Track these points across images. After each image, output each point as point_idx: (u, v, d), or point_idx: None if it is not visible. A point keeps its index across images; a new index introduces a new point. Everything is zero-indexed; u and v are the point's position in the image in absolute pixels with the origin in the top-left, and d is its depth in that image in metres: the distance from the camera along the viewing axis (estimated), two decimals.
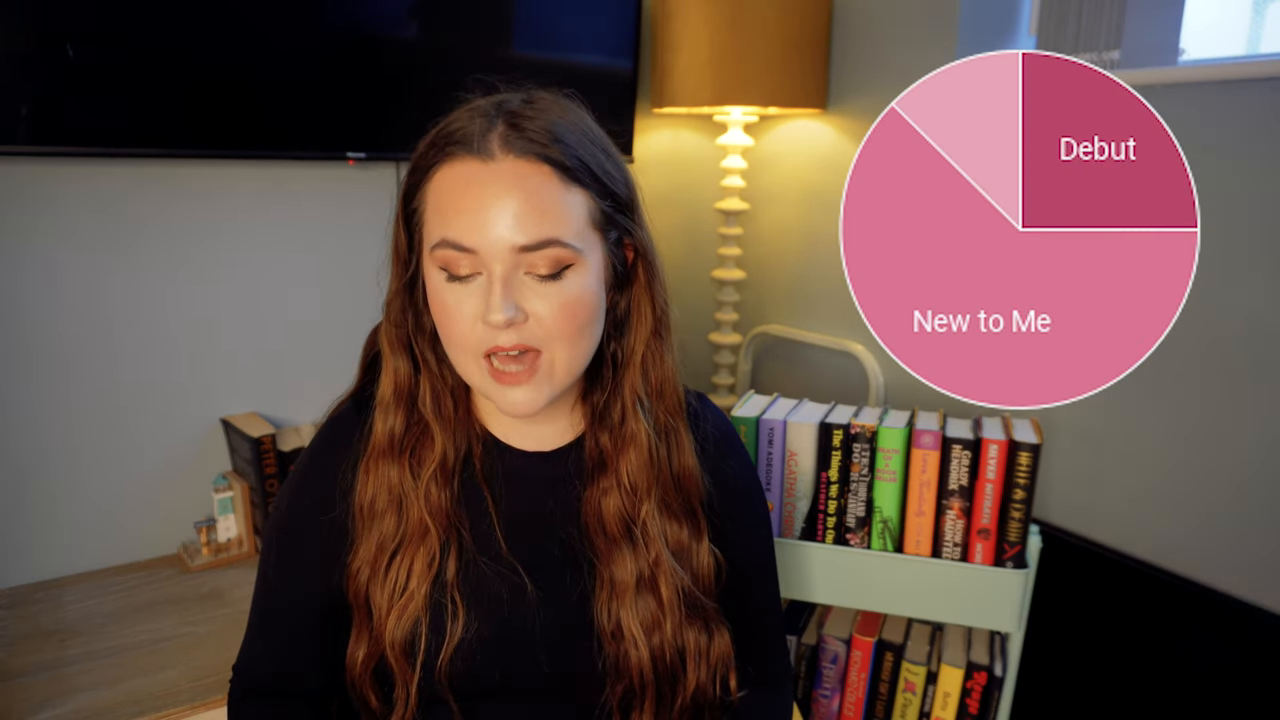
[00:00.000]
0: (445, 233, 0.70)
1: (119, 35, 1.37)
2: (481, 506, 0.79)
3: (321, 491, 0.79)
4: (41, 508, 1.50)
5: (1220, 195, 1.15)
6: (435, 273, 0.72)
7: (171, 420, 1.60)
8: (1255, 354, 1.19)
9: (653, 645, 0.79)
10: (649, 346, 0.79)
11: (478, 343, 0.70)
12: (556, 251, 0.70)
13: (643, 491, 0.79)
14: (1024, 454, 1.07)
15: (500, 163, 0.69)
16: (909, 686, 1.19)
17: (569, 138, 0.72)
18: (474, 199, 0.69)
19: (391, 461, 0.77)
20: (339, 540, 0.79)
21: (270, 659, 0.83)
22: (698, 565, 0.82)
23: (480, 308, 0.69)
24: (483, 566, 0.78)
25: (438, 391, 0.78)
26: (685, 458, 0.82)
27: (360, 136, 1.60)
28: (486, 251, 0.68)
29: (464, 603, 0.76)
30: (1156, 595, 1.30)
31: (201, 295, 1.59)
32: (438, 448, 0.77)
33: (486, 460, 0.81)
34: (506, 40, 1.73)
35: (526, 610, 0.77)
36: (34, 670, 1.25)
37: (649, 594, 0.79)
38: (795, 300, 1.92)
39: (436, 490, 0.77)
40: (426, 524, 0.76)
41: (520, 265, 0.70)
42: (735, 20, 1.63)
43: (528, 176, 0.69)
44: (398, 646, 0.75)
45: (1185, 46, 1.41)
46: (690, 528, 0.82)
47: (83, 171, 1.46)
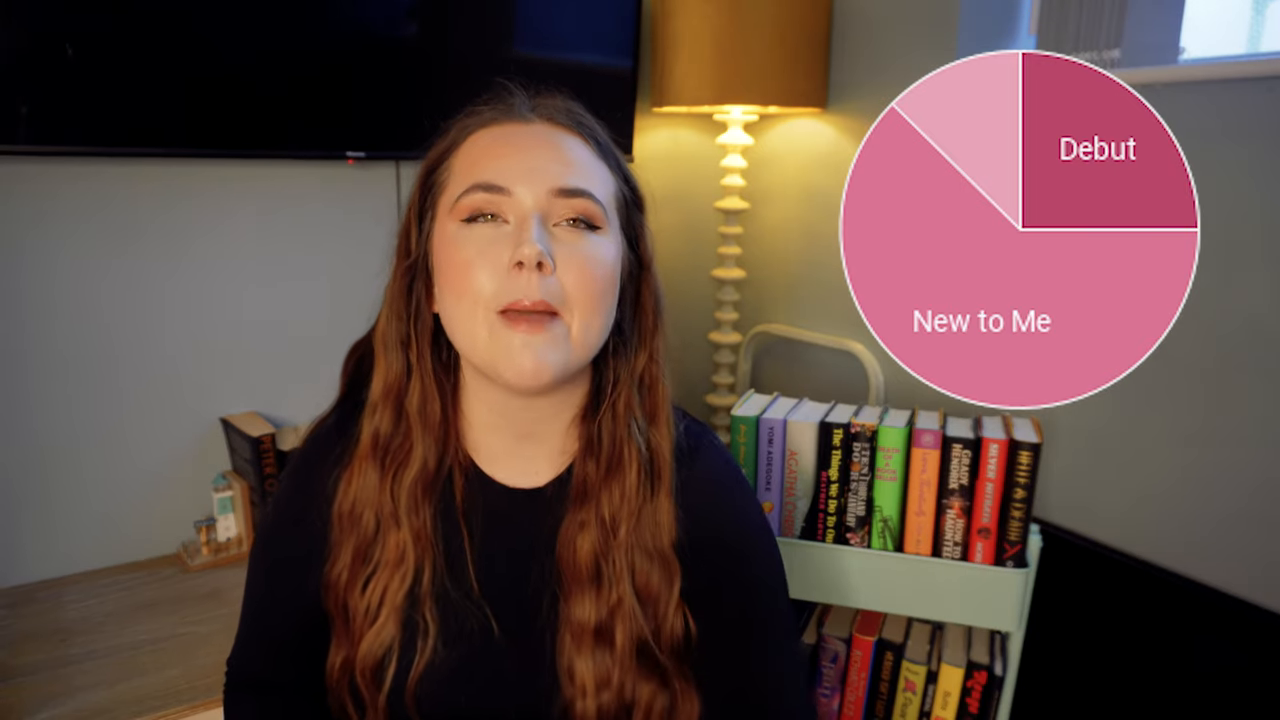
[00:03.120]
0: (479, 177, 0.69)
1: (119, 35, 1.37)
2: (458, 541, 0.76)
3: (301, 508, 0.79)
4: (41, 508, 1.50)
5: (1220, 195, 1.15)
6: (453, 227, 0.70)
7: (171, 420, 1.60)
8: (1255, 354, 1.19)
9: (601, 701, 0.75)
10: (646, 366, 0.78)
11: (495, 293, 0.67)
12: (589, 205, 0.70)
13: (620, 523, 0.75)
14: (1024, 453, 1.07)
15: (537, 124, 0.73)
16: (909, 686, 1.19)
17: (591, 121, 0.76)
18: (511, 149, 0.70)
19: (373, 465, 0.75)
20: (319, 555, 0.78)
21: (262, 658, 0.84)
22: (663, 617, 0.77)
23: (504, 255, 0.67)
24: (455, 596, 0.76)
25: (427, 394, 0.75)
26: (662, 498, 0.77)
27: (360, 136, 1.60)
28: (522, 190, 0.68)
29: (435, 625, 0.75)
30: (1156, 595, 1.30)
31: (201, 295, 1.59)
32: (418, 455, 0.75)
33: (468, 493, 0.77)
34: (507, 40, 1.73)
35: (493, 650, 0.76)
36: (34, 670, 1.25)
37: (605, 644, 0.75)
38: (795, 300, 1.92)
39: (415, 510, 0.75)
40: (403, 546, 0.74)
41: (552, 213, 0.69)
42: (735, 20, 1.63)
43: (564, 137, 0.73)
44: (368, 671, 0.75)
45: (1185, 46, 1.41)
46: (661, 572, 0.76)
47: (83, 171, 1.46)
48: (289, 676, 0.83)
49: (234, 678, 0.86)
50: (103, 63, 1.37)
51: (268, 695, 0.83)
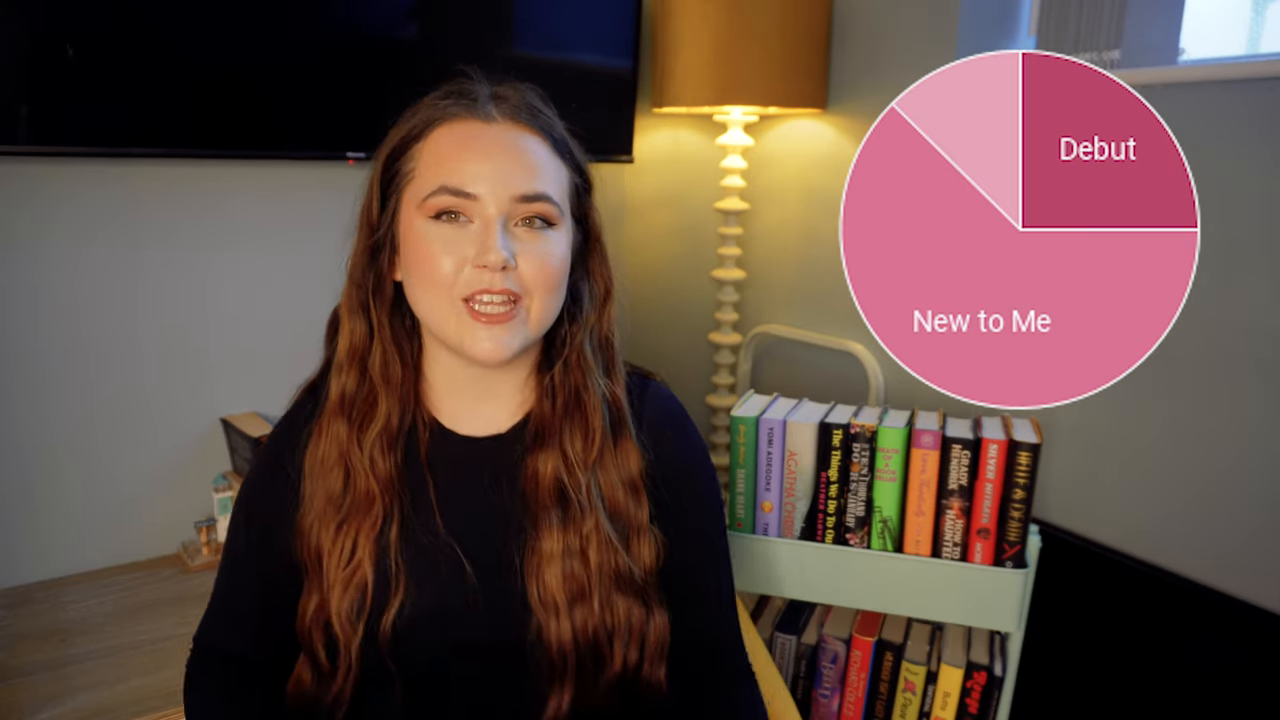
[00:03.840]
0: (447, 180, 0.74)
1: (119, 35, 1.37)
2: (423, 489, 0.81)
3: (278, 473, 0.83)
4: (41, 508, 1.50)
5: (1220, 195, 1.15)
6: (421, 221, 0.75)
7: (171, 420, 1.60)
8: (1255, 354, 1.19)
9: (574, 619, 0.79)
10: (600, 318, 0.84)
11: (463, 285, 0.74)
12: (547, 207, 0.76)
13: (584, 459, 0.81)
14: (1024, 454, 1.07)
15: (500, 124, 0.77)
16: (909, 686, 1.19)
17: (548, 114, 0.81)
18: (478, 151, 0.75)
19: (340, 419, 0.80)
20: (291, 514, 0.81)
21: (227, 629, 0.87)
22: (637, 541, 0.82)
23: (470, 251, 0.74)
24: (423, 540, 0.80)
25: (388, 357, 0.81)
26: (626, 439, 0.83)
27: (360, 136, 1.60)
28: (488, 198, 0.74)
29: (406, 568, 0.79)
30: (1156, 595, 1.30)
31: (201, 295, 1.59)
32: (382, 411, 0.80)
33: (431, 446, 0.82)
34: (507, 40, 1.73)
35: (464, 586, 0.79)
36: (34, 670, 1.25)
37: (577, 561, 0.79)
38: (795, 300, 1.92)
39: (381, 458, 0.79)
40: (372, 492, 0.78)
41: (513, 216, 0.75)
42: (735, 20, 1.63)
43: (524, 139, 0.77)
44: (341, 616, 0.78)
45: (1185, 46, 1.41)
46: (631, 497, 0.82)
47: (83, 171, 1.46)
48: (253, 648, 0.85)
49: (199, 655, 0.88)
50: (103, 63, 1.37)
51: (228, 666, 0.86)
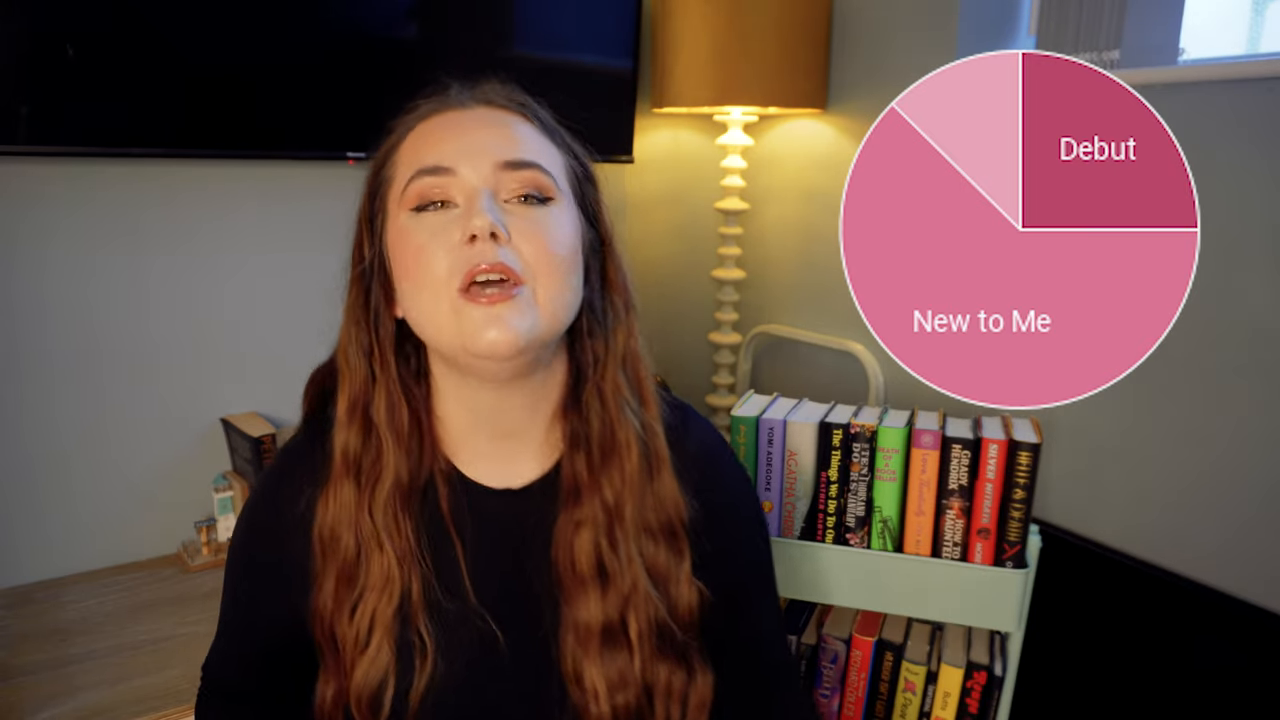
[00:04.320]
0: (422, 162, 0.68)
1: (119, 35, 1.37)
2: (448, 551, 0.74)
3: (272, 524, 0.77)
4: (42, 507, 1.50)
5: (1220, 195, 1.15)
6: (404, 217, 0.68)
7: (171, 420, 1.60)
8: (1255, 354, 1.19)
9: (615, 703, 0.73)
10: (626, 344, 0.75)
11: (451, 269, 0.65)
12: (538, 175, 0.68)
13: (624, 506, 0.73)
14: (1024, 454, 1.07)
15: (476, 109, 0.72)
16: (909, 686, 1.19)
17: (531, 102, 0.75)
18: (453, 132, 0.69)
19: (347, 481, 0.72)
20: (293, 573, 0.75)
21: (235, 667, 0.83)
22: (677, 594, 0.76)
23: (457, 234, 0.65)
24: (450, 608, 0.73)
25: (393, 400, 0.72)
26: (665, 475, 0.76)
27: (360, 136, 1.60)
28: (467, 169, 0.67)
29: (433, 640, 0.72)
30: (1156, 595, 1.30)
31: (201, 295, 1.59)
32: (390, 466, 0.71)
33: (452, 499, 0.74)
34: (507, 40, 1.73)
35: (495, 661, 0.73)
36: (34, 670, 1.25)
37: (617, 643, 0.73)
38: (795, 300, 1.92)
39: (396, 528, 0.71)
40: (389, 569, 0.71)
41: (501, 188, 0.67)
42: (735, 20, 1.63)
43: (506, 118, 0.72)
44: (364, 700, 0.71)
45: (1185, 46, 1.41)
46: (670, 550, 0.76)
47: (83, 171, 1.46)
48: (261, 687, 0.83)
49: (207, 684, 0.85)
50: (103, 63, 1.37)
51: (239, 704, 0.83)
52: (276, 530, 0.76)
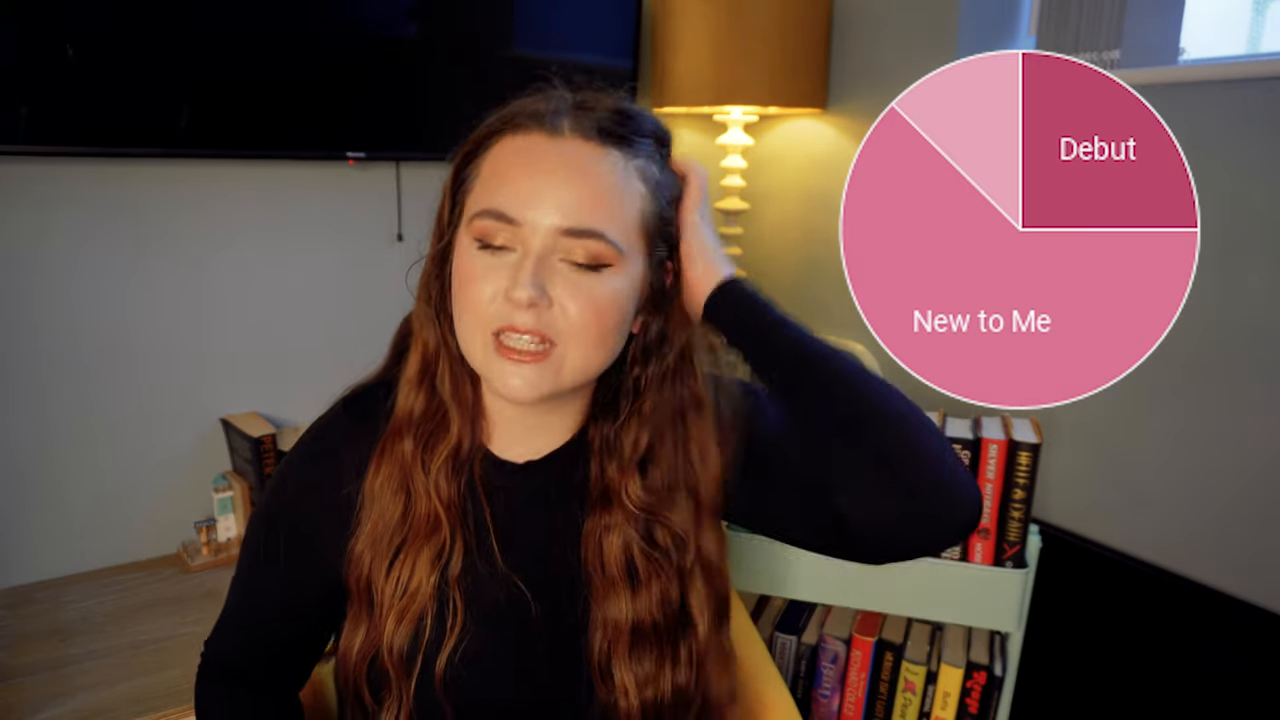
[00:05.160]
0: (491, 202, 0.68)
1: (119, 35, 1.37)
2: (480, 515, 0.77)
3: (306, 488, 0.78)
4: (42, 508, 1.50)
5: (1220, 195, 1.15)
6: (468, 241, 0.70)
7: (171, 420, 1.60)
8: (1255, 354, 1.19)
9: (645, 698, 0.75)
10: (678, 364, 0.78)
11: (492, 317, 0.68)
12: (598, 245, 0.68)
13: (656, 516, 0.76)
14: (1024, 454, 1.07)
15: (567, 141, 0.69)
16: (909, 686, 1.19)
17: (639, 120, 0.73)
18: (529, 172, 0.68)
19: (406, 438, 0.75)
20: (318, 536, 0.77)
21: (240, 647, 0.83)
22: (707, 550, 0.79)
23: (505, 283, 0.67)
24: (482, 570, 0.75)
25: (456, 375, 0.75)
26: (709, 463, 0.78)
27: (360, 136, 1.60)
28: (528, 226, 0.67)
29: (464, 602, 0.74)
30: (1156, 595, 1.30)
31: (201, 295, 1.59)
32: (453, 433, 0.75)
33: (485, 471, 0.78)
34: (506, 40, 1.73)
35: (528, 623, 0.76)
36: (34, 670, 1.25)
37: (647, 644, 0.76)
38: (795, 300, 1.92)
39: (445, 482, 0.74)
40: (437, 515, 0.74)
41: (557, 250, 0.68)
42: (735, 20, 1.63)
43: (590, 161, 0.69)
44: (395, 650, 0.73)
45: (1185, 46, 1.41)
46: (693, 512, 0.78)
47: (83, 171, 1.46)
48: (265, 669, 0.83)
49: (209, 666, 0.85)
50: (103, 63, 1.37)
51: (237, 688, 0.83)
52: (307, 494, 0.78)
